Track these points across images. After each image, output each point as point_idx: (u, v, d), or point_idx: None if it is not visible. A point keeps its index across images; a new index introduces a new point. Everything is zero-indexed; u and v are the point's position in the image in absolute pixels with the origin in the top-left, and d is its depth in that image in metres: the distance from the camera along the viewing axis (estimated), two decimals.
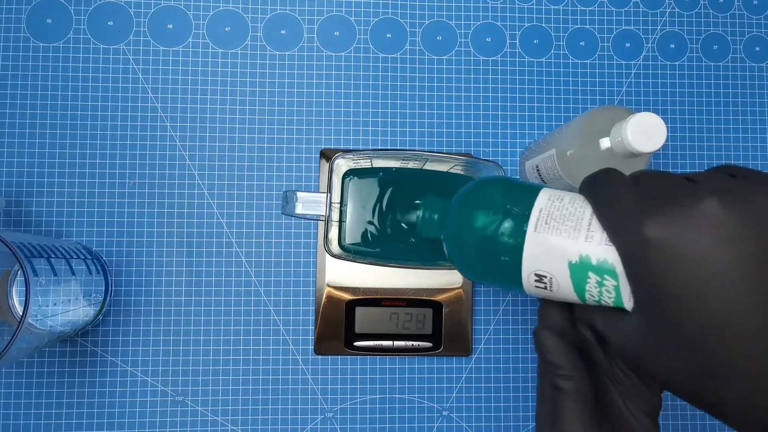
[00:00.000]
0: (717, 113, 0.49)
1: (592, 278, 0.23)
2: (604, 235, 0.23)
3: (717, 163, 0.48)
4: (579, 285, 0.24)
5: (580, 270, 0.24)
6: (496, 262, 0.26)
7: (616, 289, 0.23)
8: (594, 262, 0.23)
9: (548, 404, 0.26)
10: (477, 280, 0.29)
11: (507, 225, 0.26)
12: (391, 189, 0.37)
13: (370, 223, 0.36)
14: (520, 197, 0.26)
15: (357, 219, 0.36)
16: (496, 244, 0.26)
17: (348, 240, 0.36)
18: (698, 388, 0.21)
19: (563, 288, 0.25)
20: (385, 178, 0.37)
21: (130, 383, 0.44)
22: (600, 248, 0.23)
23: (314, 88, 0.47)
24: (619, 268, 0.22)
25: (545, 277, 0.25)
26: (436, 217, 0.32)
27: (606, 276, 0.23)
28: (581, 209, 0.24)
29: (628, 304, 0.23)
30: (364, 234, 0.36)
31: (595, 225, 0.23)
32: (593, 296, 0.24)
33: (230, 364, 0.44)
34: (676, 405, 0.46)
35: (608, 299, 0.24)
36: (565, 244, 0.24)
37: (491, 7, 0.48)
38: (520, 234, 0.25)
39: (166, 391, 0.44)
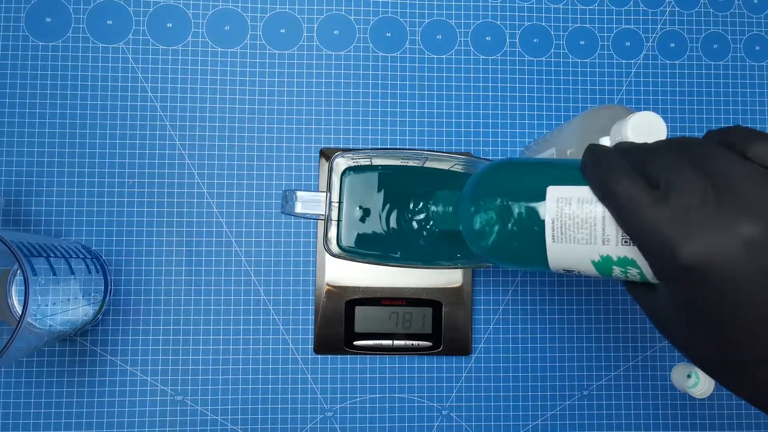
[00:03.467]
0: (717, 112, 0.49)
1: (616, 269, 0.24)
2: (620, 236, 0.23)
3: None
4: (605, 274, 0.25)
5: (603, 265, 0.25)
6: (520, 261, 0.28)
7: (640, 273, 0.24)
8: (615, 259, 0.24)
9: None
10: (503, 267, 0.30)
11: (523, 237, 0.26)
12: (391, 186, 0.36)
13: (368, 221, 0.36)
14: (527, 201, 0.26)
15: (355, 217, 0.36)
16: (515, 250, 0.27)
17: (346, 238, 0.36)
18: (726, 376, 0.22)
19: (591, 275, 0.26)
20: (384, 175, 0.37)
21: (130, 383, 0.44)
22: (618, 248, 0.24)
23: (314, 87, 0.46)
24: (641, 260, 0.23)
25: (572, 270, 0.26)
26: (450, 209, 0.32)
27: (629, 267, 0.24)
28: (592, 212, 0.24)
29: (654, 280, 0.24)
30: (363, 232, 0.36)
31: (610, 228, 0.24)
32: (619, 277, 0.25)
33: (230, 364, 0.44)
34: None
35: (634, 278, 0.25)
36: (584, 249, 0.25)
37: (491, 6, 0.48)
38: (539, 245, 0.26)
39: (166, 391, 0.44)
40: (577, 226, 0.24)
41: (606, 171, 0.23)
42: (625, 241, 0.23)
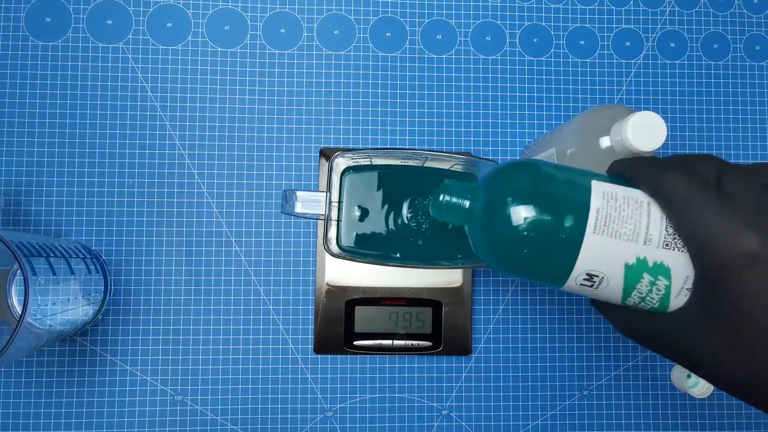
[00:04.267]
0: (717, 112, 0.49)
1: (646, 278, 0.24)
2: (662, 238, 0.23)
3: None
4: (630, 284, 0.24)
5: (635, 271, 0.24)
6: (538, 262, 0.26)
7: (666, 288, 0.24)
8: (650, 264, 0.23)
9: None
10: (504, 274, 0.28)
11: (560, 226, 0.24)
12: (391, 186, 0.36)
13: (368, 221, 0.36)
14: (568, 191, 0.25)
15: (355, 217, 0.36)
16: (542, 245, 0.25)
17: (346, 238, 0.36)
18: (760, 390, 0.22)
19: (611, 287, 0.25)
20: (384, 175, 0.37)
21: (130, 383, 0.44)
22: (658, 251, 0.23)
23: (314, 87, 0.46)
24: (675, 270, 0.23)
25: (596, 276, 0.25)
26: (467, 204, 0.29)
27: (660, 277, 0.23)
28: (638, 210, 0.24)
29: (675, 301, 0.24)
30: (363, 232, 0.36)
31: (654, 227, 0.23)
32: (640, 294, 0.24)
33: (230, 364, 0.44)
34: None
35: (655, 296, 0.24)
36: (623, 247, 0.24)
37: (491, 5, 0.48)
38: (576, 236, 0.24)
39: (166, 391, 0.44)
40: (623, 219, 0.24)
41: (661, 169, 0.24)
42: (666, 245, 0.23)
